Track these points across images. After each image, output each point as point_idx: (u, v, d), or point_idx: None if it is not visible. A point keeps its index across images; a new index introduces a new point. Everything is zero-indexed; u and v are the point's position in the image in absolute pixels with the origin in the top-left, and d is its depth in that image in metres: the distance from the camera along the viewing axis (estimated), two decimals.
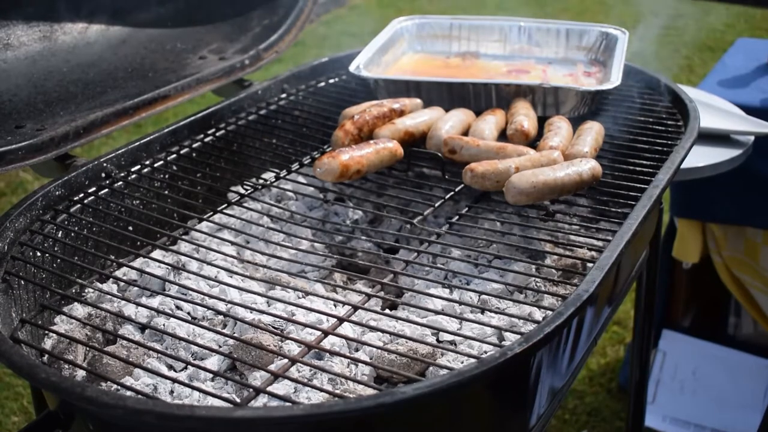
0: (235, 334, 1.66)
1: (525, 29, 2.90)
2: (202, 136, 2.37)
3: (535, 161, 2.08)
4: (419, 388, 1.27)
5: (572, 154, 2.15)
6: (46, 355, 1.64)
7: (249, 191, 2.20)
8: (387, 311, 1.75)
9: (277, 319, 1.68)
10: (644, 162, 2.21)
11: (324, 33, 8.91)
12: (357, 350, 1.66)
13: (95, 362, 1.61)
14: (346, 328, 1.68)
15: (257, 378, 1.56)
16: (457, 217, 2.06)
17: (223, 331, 1.68)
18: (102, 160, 2.09)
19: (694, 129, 2.32)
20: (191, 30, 2.84)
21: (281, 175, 2.28)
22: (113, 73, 2.53)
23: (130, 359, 1.60)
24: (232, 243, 1.98)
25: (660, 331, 3.68)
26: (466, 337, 1.58)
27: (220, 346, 1.66)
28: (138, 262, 1.94)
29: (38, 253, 1.81)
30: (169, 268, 1.90)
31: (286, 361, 1.55)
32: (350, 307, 1.70)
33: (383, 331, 1.61)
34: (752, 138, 2.86)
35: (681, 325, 3.74)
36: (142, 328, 1.74)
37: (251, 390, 1.43)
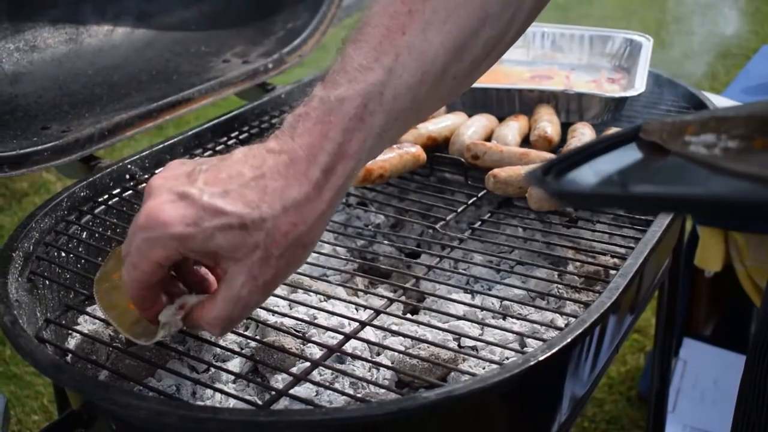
0: (257, 337, 1.67)
1: (548, 35, 2.89)
2: (225, 138, 2.38)
3: None
4: (441, 394, 1.27)
5: None
6: (70, 355, 1.65)
7: None
8: (409, 316, 1.75)
9: (299, 323, 1.68)
10: None
11: (347, 37, 8.92)
12: (379, 354, 1.65)
13: (118, 362, 1.61)
14: (368, 333, 1.68)
15: (279, 380, 1.56)
16: (479, 222, 2.05)
17: (246, 333, 1.68)
18: (126, 161, 2.11)
19: None
20: (215, 33, 2.85)
21: None
22: (138, 75, 2.55)
23: (153, 360, 1.61)
24: None
25: (681, 339, 3.65)
26: (488, 343, 1.57)
27: (242, 348, 1.67)
28: None
29: (63, 254, 1.83)
30: None
31: (308, 364, 1.55)
32: (372, 311, 1.70)
33: (405, 336, 1.61)
34: None
35: (702, 333, 3.71)
36: None
37: (273, 392, 1.43)
